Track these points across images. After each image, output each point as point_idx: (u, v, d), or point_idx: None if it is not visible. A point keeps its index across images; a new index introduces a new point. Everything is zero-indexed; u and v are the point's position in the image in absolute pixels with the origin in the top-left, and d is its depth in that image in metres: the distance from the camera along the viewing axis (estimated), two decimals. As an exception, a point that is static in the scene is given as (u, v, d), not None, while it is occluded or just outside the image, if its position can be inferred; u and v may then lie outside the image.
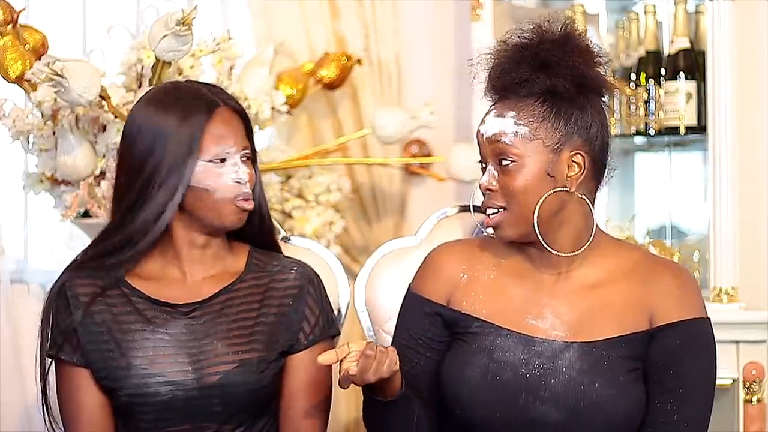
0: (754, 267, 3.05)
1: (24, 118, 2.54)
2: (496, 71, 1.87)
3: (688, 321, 1.84)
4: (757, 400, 2.12)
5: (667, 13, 3.13)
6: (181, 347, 1.92)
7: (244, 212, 1.96)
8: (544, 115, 1.83)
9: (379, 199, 3.24)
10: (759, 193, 3.10)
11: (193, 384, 1.90)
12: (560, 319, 1.85)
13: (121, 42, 2.97)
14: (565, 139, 1.83)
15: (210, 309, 1.95)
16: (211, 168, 1.92)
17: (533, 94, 1.84)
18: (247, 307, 1.96)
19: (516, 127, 1.83)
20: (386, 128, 2.97)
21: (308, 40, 3.19)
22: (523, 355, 1.84)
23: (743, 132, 2.94)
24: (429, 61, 3.30)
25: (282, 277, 2.00)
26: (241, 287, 1.98)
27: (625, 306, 1.85)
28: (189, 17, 2.29)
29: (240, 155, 1.94)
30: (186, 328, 1.94)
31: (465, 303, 1.90)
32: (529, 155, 1.83)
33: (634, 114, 3.03)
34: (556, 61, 1.83)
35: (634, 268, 1.88)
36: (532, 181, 1.83)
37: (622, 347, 1.83)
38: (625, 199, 3.34)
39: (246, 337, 1.94)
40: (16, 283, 3.15)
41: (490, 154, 1.85)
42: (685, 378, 1.82)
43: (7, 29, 2.52)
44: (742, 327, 2.84)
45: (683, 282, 1.88)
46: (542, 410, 1.80)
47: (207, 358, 1.92)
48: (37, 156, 2.64)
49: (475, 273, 1.93)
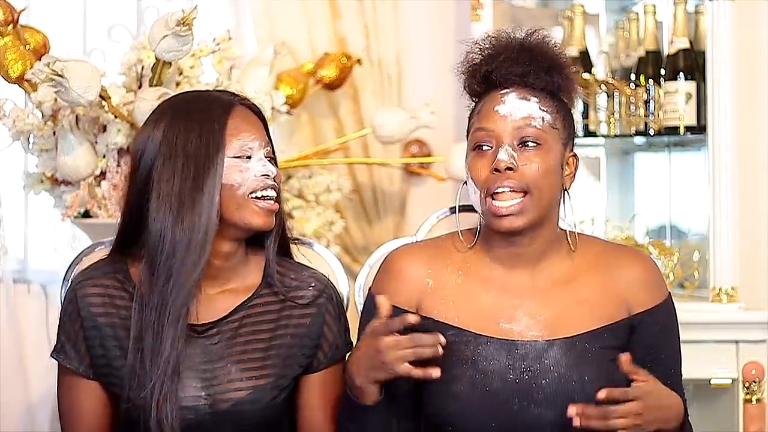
0: (754, 267, 3.05)
1: (24, 118, 2.54)
2: (504, 62, 1.85)
3: (661, 305, 1.89)
4: (757, 399, 2.12)
5: (667, 13, 3.13)
6: (194, 370, 1.88)
7: (270, 213, 1.89)
8: (558, 109, 1.86)
9: (379, 199, 3.25)
10: (759, 193, 3.10)
11: (205, 409, 1.87)
12: (534, 319, 1.85)
13: (121, 42, 2.98)
14: (570, 137, 1.88)
15: (226, 328, 1.90)
16: (237, 163, 1.87)
17: (544, 90, 1.85)
18: (262, 327, 1.91)
19: (542, 113, 1.83)
20: (386, 128, 2.97)
21: (309, 40, 3.19)
22: (507, 360, 1.82)
23: (743, 132, 2.94)
24: (429, 61, 3.30)
25: (300, 294, 1.94)
26: (257, 303, 1.93)
27: (600, 298, 1.87)
28: (189, 17, 2.30)
29: (263, 151, 1.90)
30: (201, 348, 1.89)
31: (436, 311, 1.87)
32: (550, 142, 1.84)
33: (633, 114, 3.03)
34: (559, 66, 1.86)
35: (597, 260, 1.90)
36: (554, 167, 1.83)
37: (605, 337, 1.85)
38: (625, 199, 3.34)
39: (260, 361, 1.90)
40: (18, 282, 3.15)
41: (513, 135, 1.82)
42: (669, 358, 1.89)
43: (7, 29, 2.52)
44: (741, 327, 2.85)
45: (646, 266, 1.91)
46: (537, 413, 1.80)
47: (220, 384, 1.88)
48: (37, 156, 2.64)
49: (441, 278, 1.89)
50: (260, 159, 1.89)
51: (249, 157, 1.88)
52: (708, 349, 2.79)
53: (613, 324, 1.86)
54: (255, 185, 1.88)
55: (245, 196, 1.87)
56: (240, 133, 1.89)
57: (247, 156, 1.88)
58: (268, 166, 1.89)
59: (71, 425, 1.92)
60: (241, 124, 1.90)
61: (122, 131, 2.56)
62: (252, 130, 1.90)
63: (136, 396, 1.85)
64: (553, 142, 1.83)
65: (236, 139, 1.88)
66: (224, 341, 1.90)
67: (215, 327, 1.90)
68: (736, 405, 2.75)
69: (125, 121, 2.55)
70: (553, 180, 1.83)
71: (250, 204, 1.88)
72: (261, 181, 1.88)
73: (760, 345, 2.84)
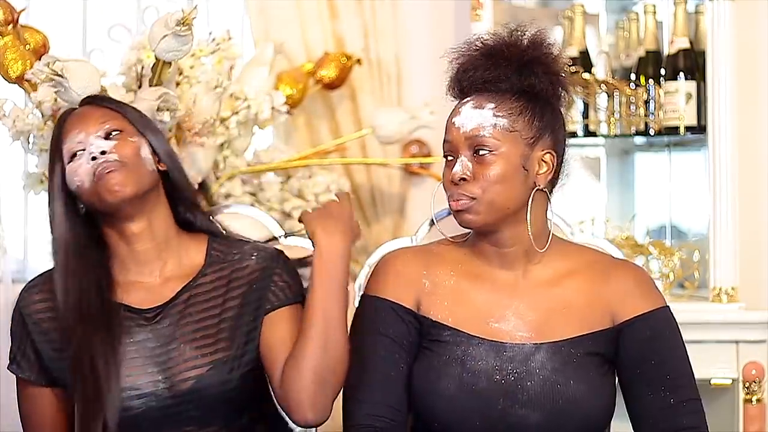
0: (754, 267, 3.05)
1: (24, 118, 2.54)
2: (469, 68, 1.89)
3: (652, 312, 1.88)
4: (757, 400, 2.11)
5: (667, 13, 3.13)
6: (148, 356, 1.89)
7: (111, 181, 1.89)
8: (521, 110, 1.86)
9: (379, 200, 3.24)
10: (759, 193, 3.10)
11: (165, 393, 1.87)
12: (523, 320, 1.87)
13: (121, 42, 2.97)
14: (539, 135, 1.87)
15: (173, 310, 1.92)
16: (70, 167, 1.92)
17: (510, 90, 1.87)
18: (210, 304, 1.93)
19: (495, 119, 1.85)
20: (386, 128, 2.97)
21: (307, 40, 3.19)
22: (495, 362, 1.84)
23: (743, 132, 2.94)
24: (429, 61, 3.28)
25: (243, 265, 1.96)
26: (203, 282, 1.95)
27: (586, 306, 1.88)
28: (189, 17, 2.29)
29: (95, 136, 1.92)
30: (152, 333, 1.90)
31: (432, 312, 1.89)
32: (506, 146, 1.85)
33: (634, 114, 3.03)
34: (534, 62, 1.87)
35: (588, 268, 1.91)
36: (509, 170, 1.85)
37: (589, 344, 1.86)
38: (625, 199, 3.34)
39: (213, 337, 1.90)
40: (18, 283, 3.14)
41: (466, 145, 1.86)
42: (667, 364, 1.87)
43: (7, 29, 2.52)
44: (741, 327, 2.85)
45: (638, 278, 1.92)
46: (521, 414, 1.81)
47: (177, 365, 1.88)
48: (37, 156, 2.64)
49: (436, 279, 1.91)
50: (90, 145, 1.91)
51: (77, 153, 1.92)
52: (708, 349, 2.79)
53: (596, 332, 1.87)
54: (89, 173, 1.90)
55: (88, 184, 1.90)
56: (66, 136, 1.94)
57: (74, 154, 1.92)
58: (93, 146, 1.91)
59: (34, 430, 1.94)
60: (71, 124, 1.95)
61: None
62: (78, 125, 1.94)
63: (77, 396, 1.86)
64: (510, 146, 1.85)
65: (65, 144, 1.93)
66: (173, 324, 1.91)
67: (162, 311, 1.92)
68: (736, 405, 2.76)
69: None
70: (511, 183, 1.85)
71: (95, 186, 1.90)
72: (90, 168, 1.89)
73: (760, 345, 2.84)
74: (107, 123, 1.94)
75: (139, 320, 1.91)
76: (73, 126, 1.94)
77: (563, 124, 1.92)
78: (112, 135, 1.93)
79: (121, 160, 1.90)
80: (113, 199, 1.89)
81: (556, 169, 1.89)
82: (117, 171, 1.89)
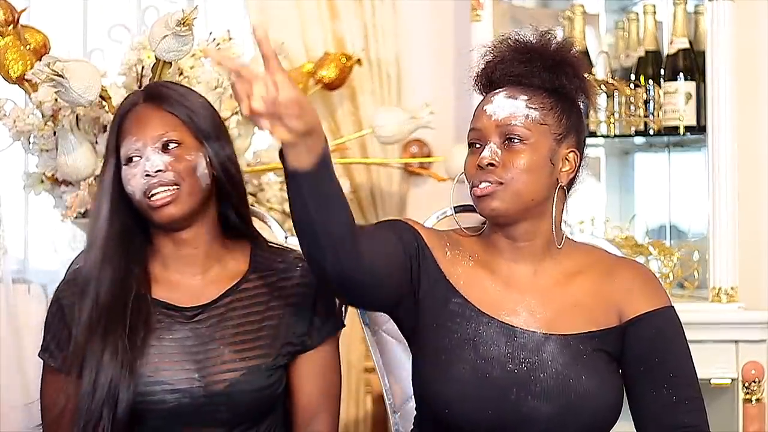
0: (754, 267, 3.06)
1: (24, 118, 2.54)
2: (502, 63, 1.91)
3: (658, 311, 1.90)
4: (757, 399, 2.11)
5: (667, 14, 3.13)
6: (186, 353, 1.90)
7: (163, 206, 1.90)
8: (552, 106, 1.89)
9: (379, 199, 3.25)
10: (759, 193, 3.11)
11: (200, 392, 1.88)
12: (533, 317, 1.88)
13: (121, 42, 2.97)
14: (566, 133, 1.89)
15: (214, 312, 1.93)
16: (126, 171, 1.92)
17: (542, 86, 1.89)
18: (252, 310, 1.94)
19: (528, 110, 1.87)
20: (386, 128, 2.97)
21: (307, 40, 3.19)
22: (506, 348, 1.84)
23: (743, 132, 2.94)
24: (429, 61, 3.30)
25: (288, 275, 1.97)
26: (247, 287, 1.96)
27: (594, 304, 1.89)
28: (189, 17, 2.29)
29: (155, 146, 1.91)
30: (191, 332, 1.91)
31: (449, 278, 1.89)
32: (537, 138, 1.86)
33: (633, 114, 3.03)
34: (564, 63, 1.90)
35: (595, 267, 1.93)
36: (538, 162, 1.86)
37: (596, 341, 1.87)
38: (624, 199, 3.34)
39: (251, 342, 1.92)
40: (18, 283, 3.15)
41: (497, 132, 1.87)
42: (670, 363, 1.88)
43: (8, 29, 2.52)
44: (741, 327, 2.85)
45: (644, 277, 1.94)
46: (534, 405, 1.82)
47: (214, 365, 1.89)
48: (37, 156, 2.64)
49: (456, 257, 1.92)
50: (147, 159, 1.90)
51: (132, 159, 1.91)
52: (708, 348, 2.79)
53: (603, 330, 1.88)
54: (142, 188, 1.90)
55: (141, 199, 1.90)
56: (125, 137, 1.93)
57: (130, 159, 1.91)
58: (149, 162, 1.90)
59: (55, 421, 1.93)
60: (130, 126, 1.93)
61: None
62: (137, 132, 1.92)
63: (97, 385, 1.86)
64: (540, 137, 1.86)
65: (122, 146, 1.93)
66: (213, 324, 1.92)
67: (203, 311, 1.93)
68: (735, 405, 2.76)
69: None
70: (538, 175, 1.86)
71: (146, 202, 1.90)
72: (143, 184, 1.90)
73: (760, 345, 2.84)
74: (166, 134, 1.92)
75: (179, 318, 1.92)
76: (131, 131, 1.93)
77: (586, 127, 1.96)
78: (170, 147, 1.92)
79: (176, 180, 1.90)
80: (162, 220, 1.91)
81: (576, 170, 1.92)
82: (169, 195, 1.89)
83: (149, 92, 1.98)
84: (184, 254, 1.96)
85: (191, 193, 1.91)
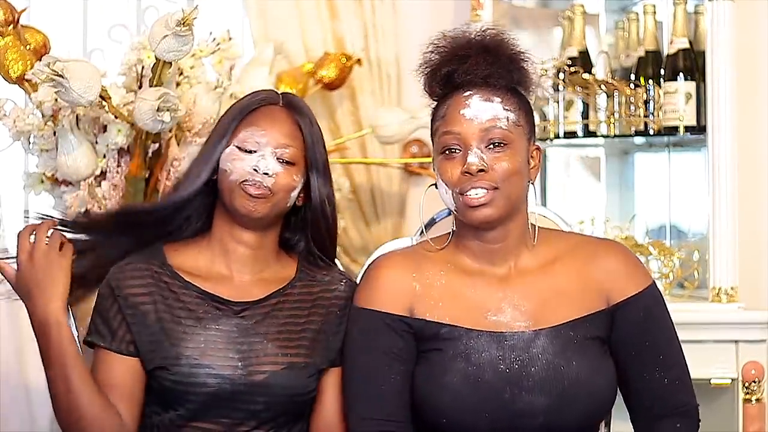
0: (754, 267, 3.06)
1: (24, 118, 2.54)
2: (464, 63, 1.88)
3: (643, 292, 1.91)
4: (757, 399, 2.11)
5: (667, 14, 3.13)
6: (231, 343, 1.95)
7: (252, 199, 1.95)
8: (519, 105, 1.90)
9: (378, 200, 3.25)
10: (759, 193, 3.11)
11: (241, 379, 1.92)
12: (518, 310, 1.89)
13: (121, 42, 2.97)
14: (531, 132, 1.92)
15: (260, 310, 1.99)
16: (236, 152, 1.97)
17: (506, 86, 1.89)
18: (296, 313, 2.00)
19: (506, 113, 1.87)
20: (386, 128, 2.98)
21: (307, 40, 3.19)
22: (497, 352, 1.86)
23: (743, 132, 2.94)
24: (429, 62, 3.29)
25: (332, 287, 2.04)
26: (292, 293, 2.02)
27: (578, 288, 1.90)
28: (189, 17, 2.30)
29: (274, 151, 1.96)
30: (236, 326, 1.96)
31: (428, 314, 1.90)
32: (517, 140, 1.88)
33: (633, 114, 3.04)
34: (518, 60, 1.90)
35: (574, 252, 1.94)
36: (521, 164, 1.88)
37: (587, 326, 1.88)
38: (624, 199, 3.34)
39: (295, 341, 1.97)
40: (17, 282, 3.14)
41: (479, 137, 1.86)
42: (660, 345, 1.91)
43: (8, 29, 2.52)
44: (741, 327, 2.85)
45: (625, 256, 1.95)
46: (528, 400, 1.83)
47: (257, 356, 1.94)
48: (37, 156, 2.64)
49: (426, 280, 1.92)
50: (262, 156, 1.96)
51: (250, 151, 1.96)
52: (707, 349, 2.79)
53: (592, 314, 1.89)
54: (244, 175, 1.95)
55: (236, 183, 1.96)
56: (251, 126, 1.98)
57: (248, 150, 1.96)
58: (262, 163, 1.95)
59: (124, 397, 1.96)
60: (261, 119, 1.99)
61: (122, 131, 2.56)
62: (268, 128, 1.98)
63: (174, 369, 1.92)
64: (518, 139, 1.88)
65: (245, 130, 1.98)
66: (259, 321, 1.97)
67: (250, 308, 1.98)
68: (735, 405, 2.76)
69: (125, 122, 2.55)
70: (521, 176, 1.88)
71: (238, 189, 1.96)
72: (248, 173, 1.95)
73: (760, 345, 2.84)
74: (289, 148, 1.98)
75: (227, 311, 1.97)
76: (260, 124, 1.98)
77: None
78: (285, 163, 1.97)
79: (273, 189, 1.96)
80: (242, 212, 1.97)
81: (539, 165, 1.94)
82: (261, 197, 1.96)
83: (290, 100, 2.04)
84: (240, 252, 2.01)
85: (277, 206, 1.98)
